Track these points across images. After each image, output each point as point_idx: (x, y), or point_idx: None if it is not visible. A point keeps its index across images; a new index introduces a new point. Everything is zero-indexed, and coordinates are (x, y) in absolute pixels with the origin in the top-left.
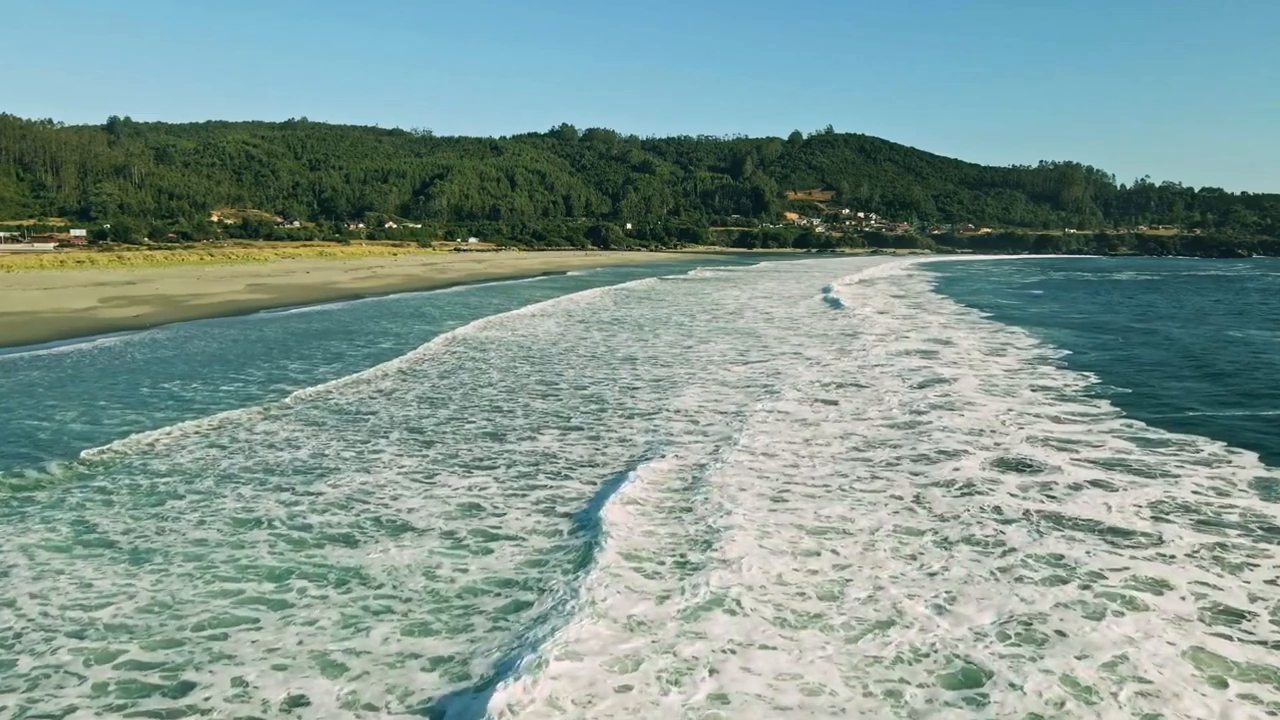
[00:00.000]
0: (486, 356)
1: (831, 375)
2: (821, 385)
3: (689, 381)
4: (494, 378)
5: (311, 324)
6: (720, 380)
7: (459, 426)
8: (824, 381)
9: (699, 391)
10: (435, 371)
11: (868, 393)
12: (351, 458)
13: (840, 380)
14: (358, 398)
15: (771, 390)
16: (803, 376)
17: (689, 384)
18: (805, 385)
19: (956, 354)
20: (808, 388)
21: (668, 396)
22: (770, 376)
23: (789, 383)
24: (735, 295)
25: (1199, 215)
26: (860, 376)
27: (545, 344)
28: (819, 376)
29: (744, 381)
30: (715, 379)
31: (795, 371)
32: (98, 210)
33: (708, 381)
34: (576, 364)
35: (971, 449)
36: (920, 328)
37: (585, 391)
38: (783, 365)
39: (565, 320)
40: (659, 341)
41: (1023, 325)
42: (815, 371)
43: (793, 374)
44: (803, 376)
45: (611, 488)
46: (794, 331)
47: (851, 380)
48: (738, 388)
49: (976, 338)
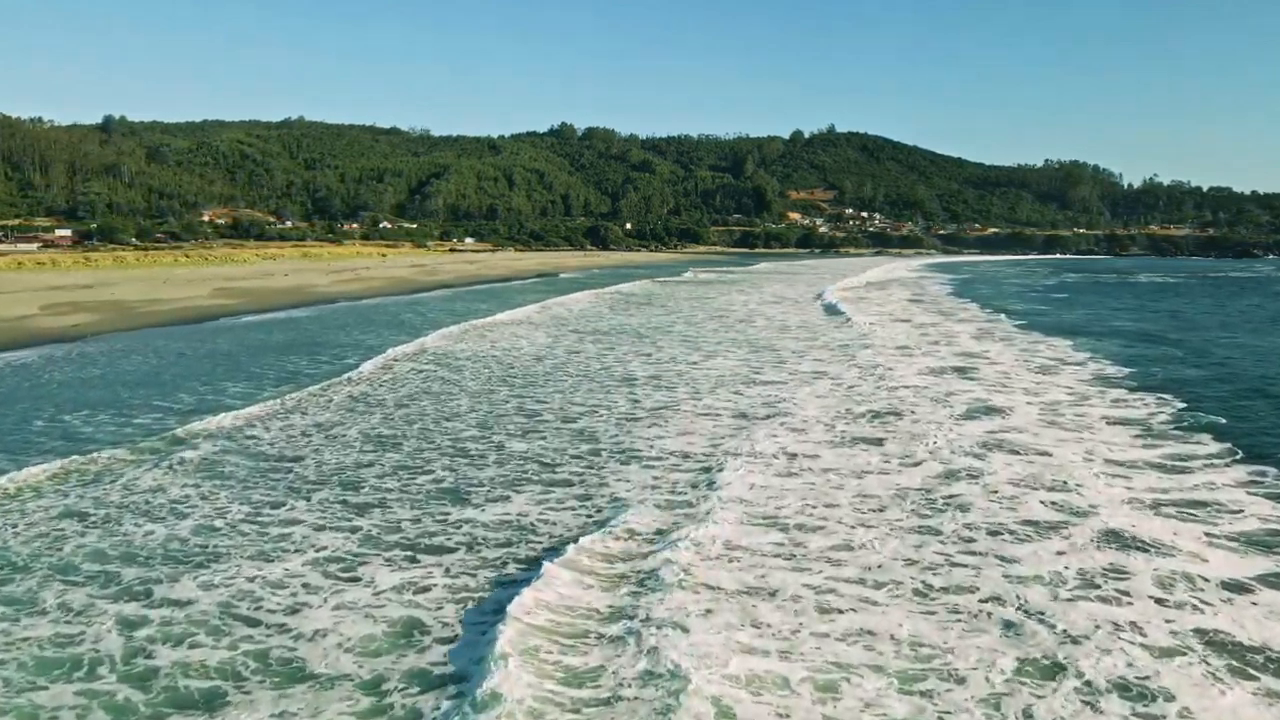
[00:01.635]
0: (460, 377)
1: (859, 400)
2: (850, 415)
3: (698, 410)
4: (464, 406)
5: (272, 334)
6: (734, 408)
7: (408, 480)
8: (853, 410)
9: (709, 425)
10: (394, 397)
11: (905, 425)
12: (251, 534)
13: (871, 407)
14: (289, 435)
15: (793, 423)
16: (827, 403)
17: (698, 414)
18: (831, 415)
19: (999, 372)
20: (834, 419)
21: (673, 433)
22: (790, 403)
23: (813, 412)
24: (743, 300)
25: (1210, 215)
26: (893, 401)
27: (530, 360)
28: (845, 403)
29: (760, 408)
30: (728, 406)
31: (818, 396)
32: (85, 210)
33: (719, 411)
34: (566, 386)
35: (1062, 522)
36: (948, 339)
37: (575, 426)
38: (803, 389)
39: (556, 329)
40: (661, 355)
41: (1062, 335)
42: (840, 396)
43: (816, 400)
44: (827, 403)
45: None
46: (811, 343)
47: (885, 407)
48: (754, 419)
49: (1016, 351)
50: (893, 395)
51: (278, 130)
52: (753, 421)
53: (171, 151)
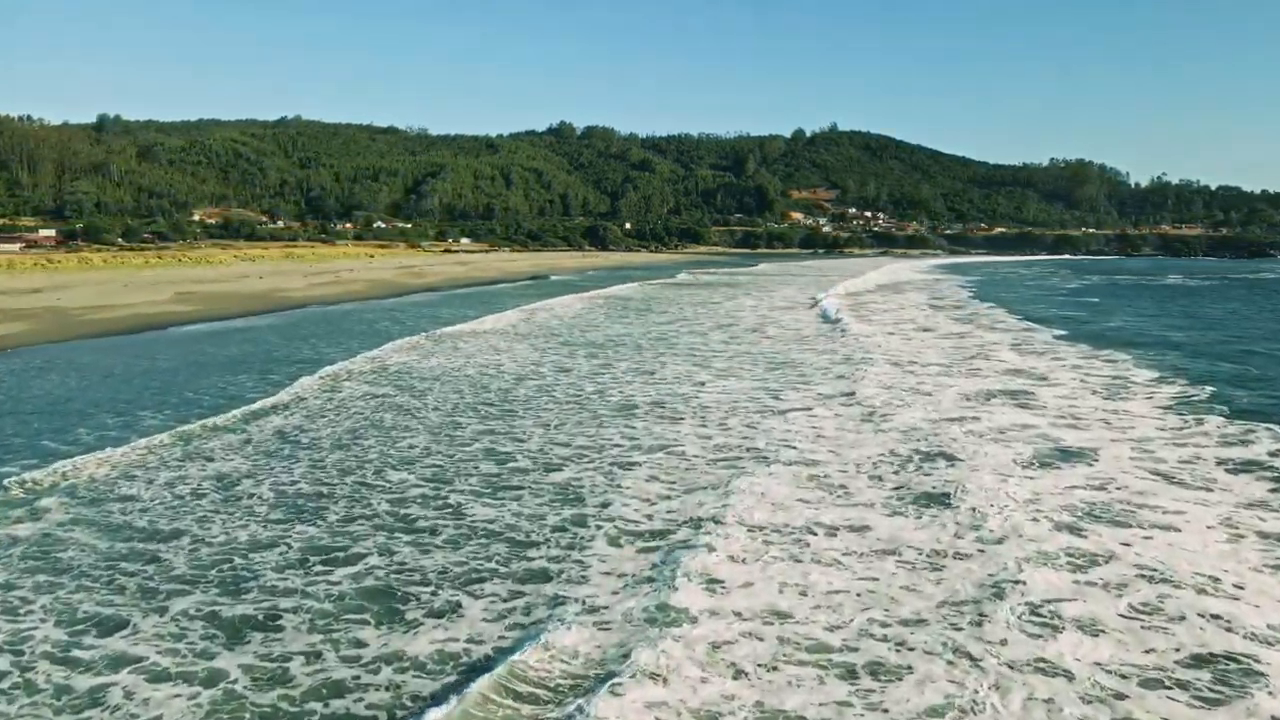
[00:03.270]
0: (422, 405)
1: (901, 437)
2: (893, 459)
3: (709, 452)
4: (419, 447)
5: (227, 346)
6: (753, 448)
7: (319, 576)
8: (896, 453)
9: (723, 475)
10: (332, 434)
11: (963, 476)
12: (46, 691)
13: (916, 446)
14: (175, 494)
15: (828, 471)
16: (862, 443)
17: (709, 458)
18: (871, 458)
19: (1062, 396)
20: (876, 463)
21: (679, 489)
22: (820, 441)
23: (849, 453)
24: (751, 305)
25: (1222, 215)
26: (944, 440)
27: (510, 380)
28: (886, 442)
29: (784, 449)
30: (744, 445)
31: (850, 431)
32: (72, 209)
33: (734, 452)
34: (550, 418)
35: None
36: (986, 353)
37: (557, 478)
38: (831, 418)
39: (543, 341)
40: (664, 373)
41: (1115, 348)
42: (877, 431)
43: (849, 434)
44: (862, 443)
45: None
46: (832, 355)
47: (932, 447)
48: (778, 463)
49: (1068, 368)
50: (938, 430)
51: (273, 129)
52: (776, 470)
53: (164, 150)
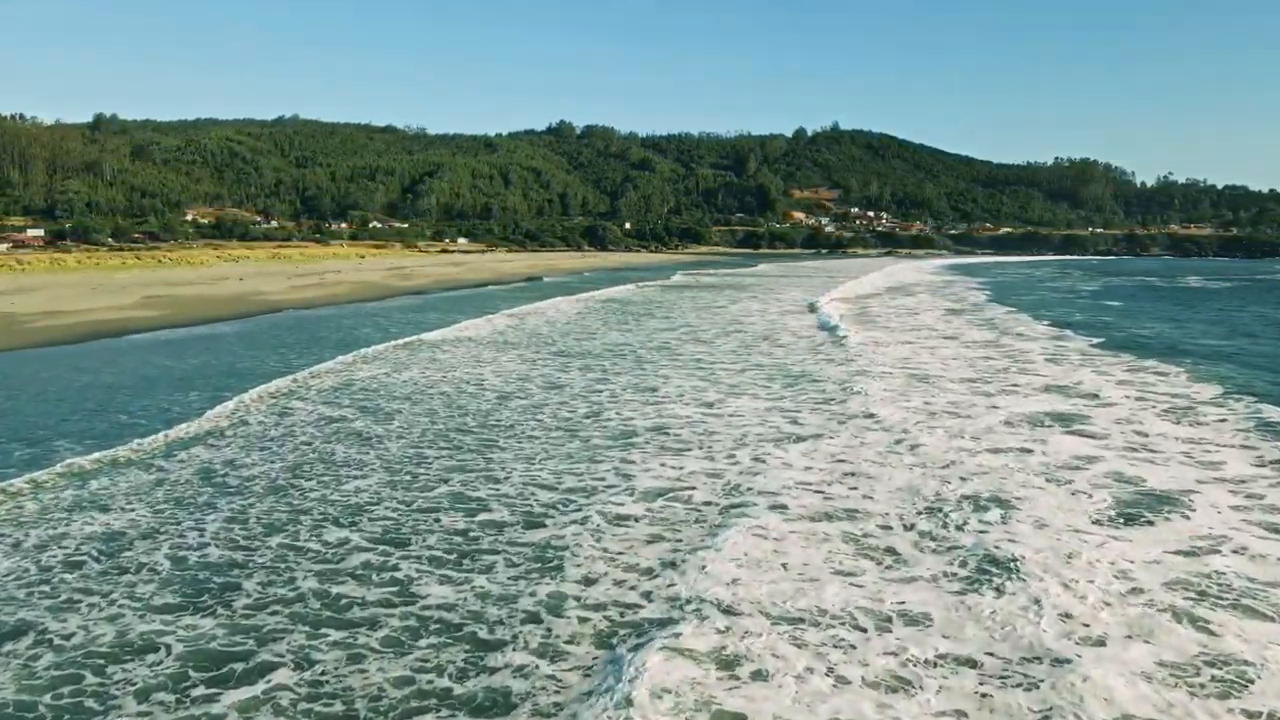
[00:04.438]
0: (385, 431)
1: (937, 475)
2: (936, 505)
3: (719, 497)
4: (370, 490)
5: (184, 357)
6: (767, 493)
7: (199, 709)
8: (941, 497)
9: (739, 541)
10: (267, 472)
11: (1026, 533)
12: None
13: (962, 490)
14: (32, 570)
15: (867, 530)
16: (894, 481)
17: (721, 503)
18: (911, 504)
19: (1122, 420)
20: (916, 511)
21: (683, 548)
22: (851, 482)
23: (882, 499)
24: (759, 309)
25: (1231, 214)
26: (991, 479)
27: (493, 399)
28: (920, 482)
29: (807, 494)
30: (759, 487)
31: (882, 464)
32: (63, 209)
33: (746, 495)
34: (534, 450)
35: None
36: (1019, 364)
37: (537, 536)
38: (858, 447)
39: (534, 350)
40: (668, 390)
41: (1161, 358)
42: (911, 465)
43: (880, 469)
44: (894, 481)
45: None
46: (848, 367)
47: (980, 488)
48: (802, 518)
49: (1116, 383)
50: (981, 464)
51: (270, 128)
52: (797, 525)
53: (159, 150)
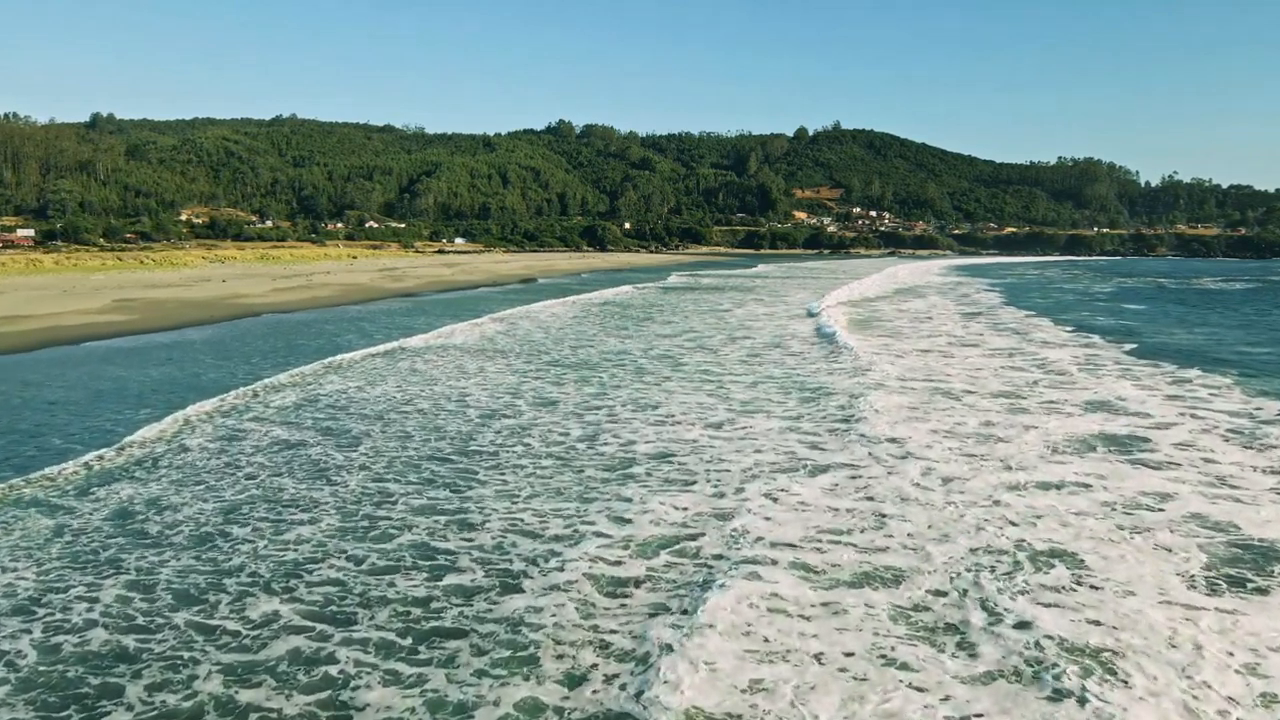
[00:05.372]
0: (346, 459)
1: (983, 520)
2: (1003, 563)
3: (728, 552)
4: (314, 540)
5: (146, 367)
6: (791, 544)
7: None
8: (994, 549)
9: (753, 620)
10: (192, 519)
11: (1112, 607)
12: None
13: (1022, 542)
14: None
15: (913, 597)
16: (935, 527)
17: (732, 559)
18: (960, 558)
19: (1185, 444)
20: (971, 567)
21: (688, 625)
22: (882, 525)
23: (946, 573)
24: (765, 313)
25: (1238, 214)
26: (1049, 525)
27: (476, 417)
28: (983, 533)
29: (834, 546)
30: (783, 539)
31: (922, 502)
32: (55, 208)
33: (760, 549)
34: (519, 481)
35: None
36: (1055, 375)
37: (513, 606)
38: (885, 481)
39: (525, 359)
40: (670, 407)
41: (1205, 367)
42: (946, 506)
43: (915, 507)
44: (935, 527)
45: None
46: (861, 379)
47: (1037, 539)
48: (828, 585)
49: (1168, 398)
50: (1033, 506)
51: (268, 128)
52: (830, 592)
53: (154, 149)
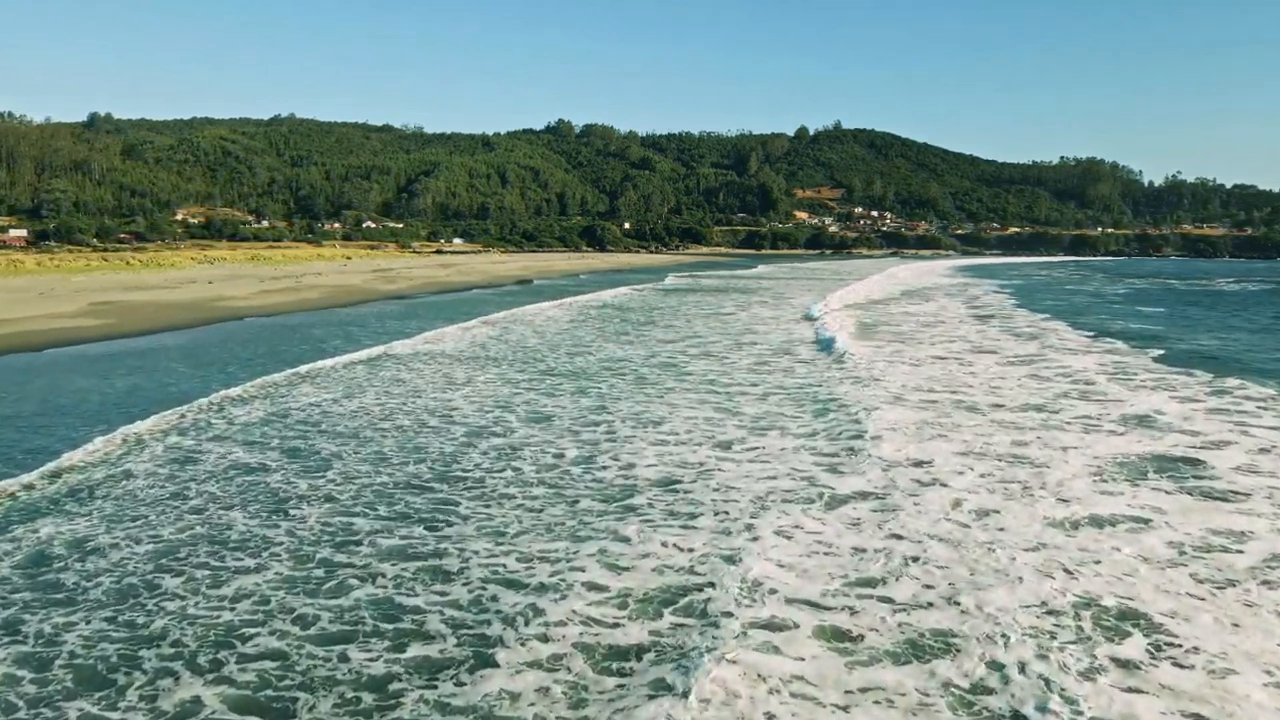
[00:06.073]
0: (309, 487)
1: (1043, 565)
2: (1065, 629)
3: (749, 609)
4: (256, 595)
5: (112, 376)
6: (813, 604)
7: None
8: (1056, 608)
9: (757, 696)
10: (115, 570)
11: (1212, 674)
12: None
13: (1084, 598)
14: None
15: (986, 703)
16: (1002, 583)
17: (750, 627)
18: (1028, 639)
19: (1246, 468)
20: (1053, 664)
21: None
22: (932, 583)
23: (1000, 641)
24: (772, 316)
25: (1243, 214)
26: (1111, 576)
27: (462, 435)
28: (1037, 585)
29: (863, 597)
30: (802, 595)
31: (952, 543)
32: (49, 208)
33: (790, 609)
34: (506, 514)
35: None
36: (1083, 385)
37: (486, 690)
38: (915, 518)
39: (518, 367)
40: (674, 423)
41: (1247, 377)
42: (1000, 551)
43: (966, 567)
44: (1002, 583)
45: None
46: (875, 389)
47: (1112, 594)
48: (899, 656)
49: (1212, 411)
50: (1093, 553)
51: (266, 127)
52: (872, 670)
53: (151, 149)
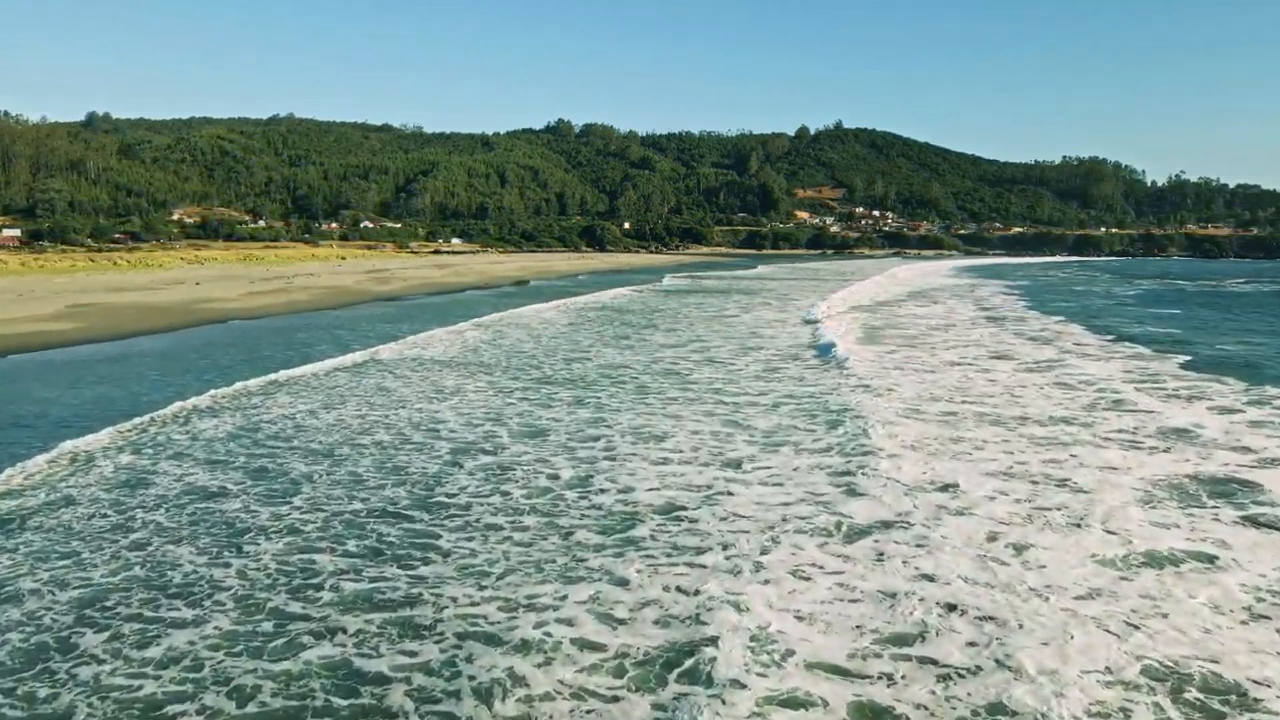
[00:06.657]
0: (272, 516)
1: (1101, 617)
2: (1139, 711)
3: (764, 678)
4: (181, 662)
5: (77, 385)
6: (839, 669)
7: None
8: (1128, 679)
9: None
10: (7, 643)
11: None
12: None
13: (1158, 668)
14: None
15: None
16: (1056, 644)
17: (765, 703)
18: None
19: None
20: None
21: None
22: (979, 644)
23: None
24: (777, 318)
25: (1248, 214)
26: (1192, 626)
27: (447, 453)
28: (1098, 648)
29: (934, 683)
30: (824, 660)
31: (1015, 605)
32: (44, 208)
33: (810, 677)
34: (491, 549)
35: None
36: (1111, 395)
37: None
38: (948, 556)
39: (512, 374)
40: (678, 439)
41: (1276, 384)
42: (1047, 598)
43: (1012, 622)
44: (1056, 644)
45: None
46: (890, 398)
47: (1187, 656)
48: None
49: (1254, 425)
50: (1156, 602)
51: (264, 127)
52: None
53: (148, 148)
